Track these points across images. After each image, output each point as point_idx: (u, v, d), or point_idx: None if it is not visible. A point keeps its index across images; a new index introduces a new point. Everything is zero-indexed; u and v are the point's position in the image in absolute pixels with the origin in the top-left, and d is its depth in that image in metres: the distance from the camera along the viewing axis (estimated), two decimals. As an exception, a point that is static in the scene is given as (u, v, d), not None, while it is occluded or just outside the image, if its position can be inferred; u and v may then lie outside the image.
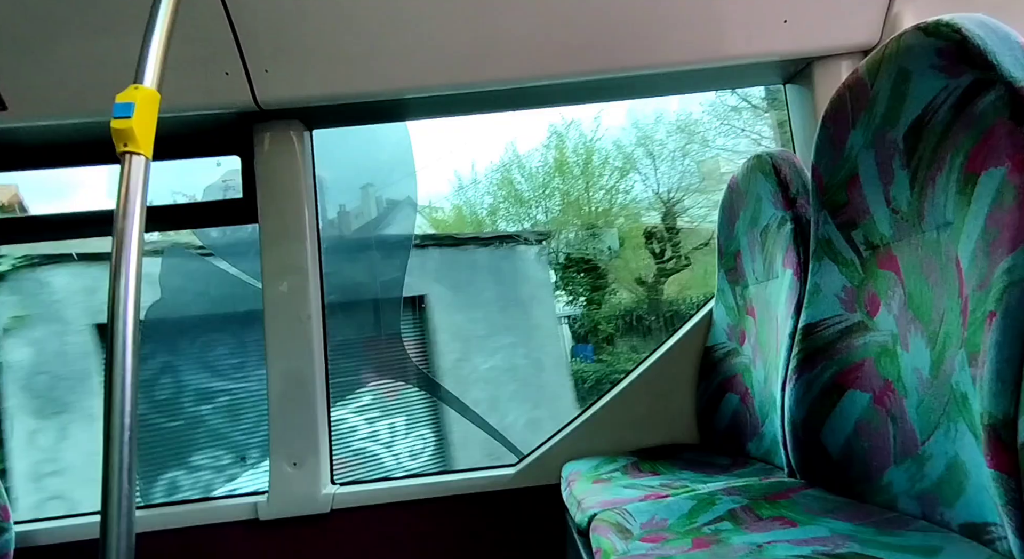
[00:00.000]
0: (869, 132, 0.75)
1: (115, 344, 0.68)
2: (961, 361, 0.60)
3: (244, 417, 3.02)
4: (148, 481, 2.90)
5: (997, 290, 0.53)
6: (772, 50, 1.25)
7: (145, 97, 0.73)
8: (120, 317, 0.69)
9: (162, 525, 1.30)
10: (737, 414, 1.18)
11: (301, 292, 1.34)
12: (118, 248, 0.70)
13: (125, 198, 0.71)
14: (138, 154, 0.72)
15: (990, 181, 0.57)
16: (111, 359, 0.68)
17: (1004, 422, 0.51)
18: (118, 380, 0.68)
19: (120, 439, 0.67)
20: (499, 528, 1.33)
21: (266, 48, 1.22)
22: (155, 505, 1.35)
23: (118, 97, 0.71)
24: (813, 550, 0.63)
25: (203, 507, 1.34)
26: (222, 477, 2.97)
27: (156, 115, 0.74)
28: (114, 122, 0.71)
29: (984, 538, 0.58)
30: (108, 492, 0.66)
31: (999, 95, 0.57)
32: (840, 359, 0.82)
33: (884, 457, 0.74)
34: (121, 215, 0.71)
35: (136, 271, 0.70)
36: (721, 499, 0.79)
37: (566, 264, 5.33)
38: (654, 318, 5.25)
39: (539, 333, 4.34)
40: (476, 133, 7.18)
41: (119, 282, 0.69)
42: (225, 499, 1.37)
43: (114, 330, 0.68)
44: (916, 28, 0.66)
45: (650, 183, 5.68)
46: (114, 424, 0.67)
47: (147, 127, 0.73)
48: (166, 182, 1.90)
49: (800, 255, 0.96)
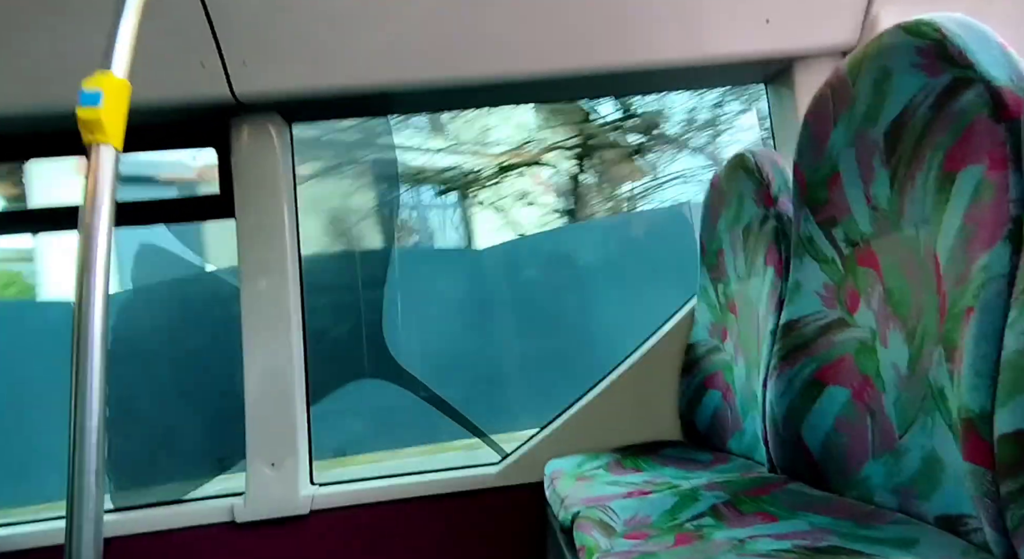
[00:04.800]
0: (850, 130, 0.76)
1: (82, 343, 0.66)
2: (938, 356, 0.61)
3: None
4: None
5: (975, 286, 0.54)
6: (753, 50, 1.26)
7: (114, 85, 0.70)
8: (87, 316, 0.66)
9: (134, 529, 1.26)
10: (719, 411, 1.19)
11: (280, 290, 1.32)
12: (85, 244, 0.67)
13: (93, 191, 0.69)
14: (107, 145, 0.70)
15: (968, 178, 0.58)
16: (78, 358, 0.65)
17: (980, 416, 0.51)
18: (85, 380, 0.65)
19: (88, 440, 0.65)
20: (482, 527, 1.32)
21: (244, 39, 1.19)
22: (126, 508, 1.31)
23: (84, 83, 0.68)
24: (793, 544, 0.63)
25: (177, 510, 1.30)
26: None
27: (126, 105, 0.71)
28: (80, 110, 0.68)
29: (959, 530, 0.59)
30: (74, 495, 0.64)
31: (977, 93, 0.57)
32: (820, 355, 0.82)
33: (862, 452, 0.75)
34: (89, 209, 0.68)
35: (104, 269, 0.68)
36: (703, 495, 0.80)
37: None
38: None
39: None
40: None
41: (86, 280, 0.67)
42: (200, 501, 1.33)
43: (81, 329, 0.66)
44: (897, 27, 0.67)
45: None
46: (81, 425, 0.65)
47: (117, 117, 0.70)
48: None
49: (782, 253, 0.97)
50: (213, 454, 1.78)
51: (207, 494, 1.39)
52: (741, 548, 0.64)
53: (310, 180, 2.20)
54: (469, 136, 3.12)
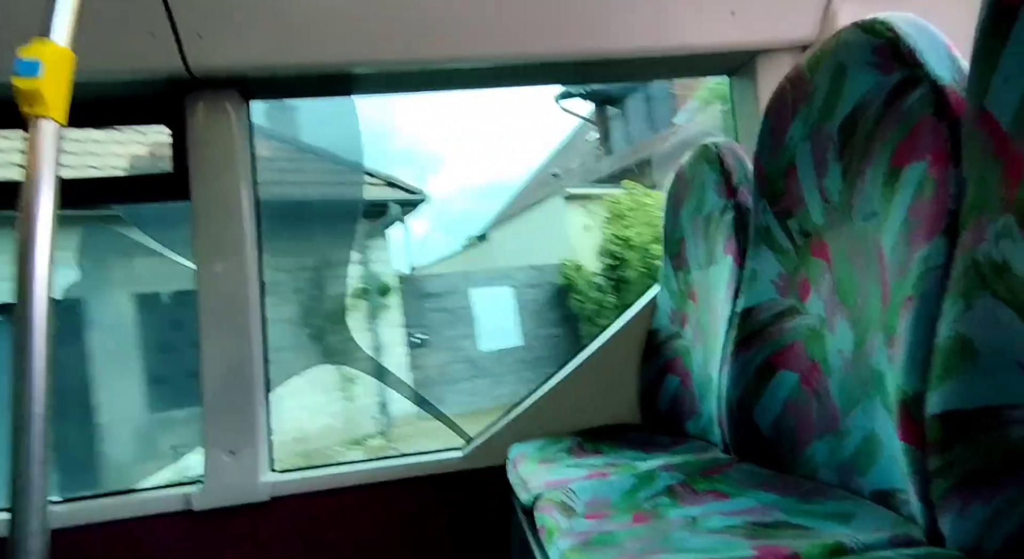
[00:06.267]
0: (807, 125, 0.78)
1: (25, 328, 0.62)
2: (880, 342, 0.64)
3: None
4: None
5: (914, 276, 0.57)
6: (718, 42, 1.28)
7: (56, 54, 0.66)
8: (30, 300, 0.63)
9: (85, 520, 1.22)
10: (677, 395, 1.23)
11: (237, 273, 1.28)
12: (26, 224, 0.64)
13: (34, 168, 0.65)
14: (48, 119, 0.66)
15: (913, 174, 0.61)
16: (20, 344, 0.62)
17: (915, 398, 0.55)
18: (28, 366, 0.62)
19: (31, 429, 0.62)
20: (446, 510, 1.34)
21: (199, 10, 1.13)
22: (75, 499, 1.26)
23: (20, 52, 0.64)
24: (743, 520, 0.66)
25: (129, 499, 1.26)
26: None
27: (69, 76, 0.67)
28: (16, 80, 0.64)
29: (891, 503, 0.63)
30: (18, 486, 0.61)
31: (924, 93, 0.60)
32: (773, 341, 0.86)
33: (808, 432, 0.79)
34: (30, 187, 0.64)
35: (47, 252, 0.64)
36: (660, 476, 0.82)
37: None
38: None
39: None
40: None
41: (28, 262, 0.63)
42: (154, 490, 1.30)
43: (23, 313, 0.63)
44: (854, 25, 0.69)
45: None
46: (24, 413, 0.62)
47: (58, 89, 0.66)
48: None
49: (740, 242, 1.00)
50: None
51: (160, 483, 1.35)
52: (694, 525, 0.67)
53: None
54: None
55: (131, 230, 2.35)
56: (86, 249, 3.84)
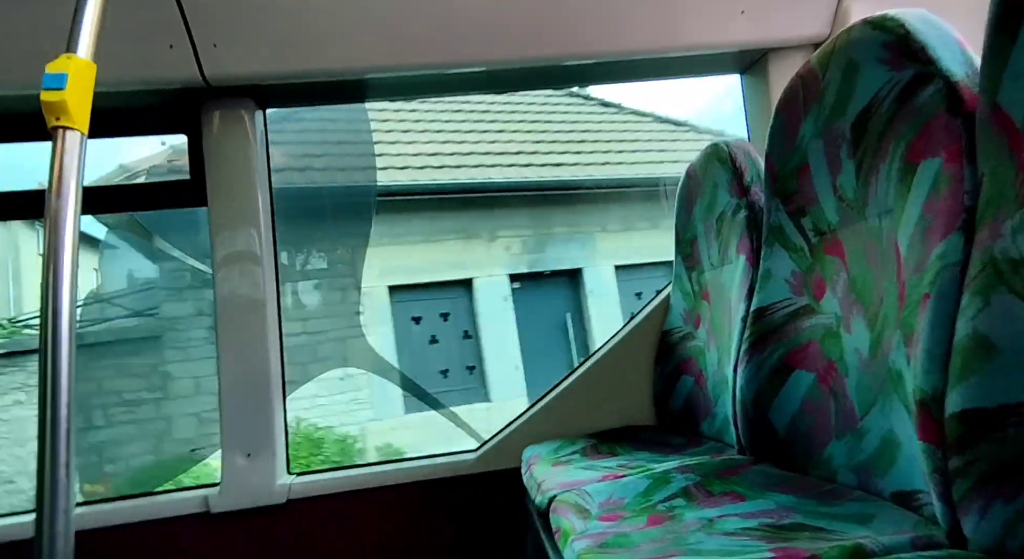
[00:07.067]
0: (819, 122, 0.78)
1: (50, 335, 0.64)
2: (897, 341, 0.63)
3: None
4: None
5: (931, 274, 0.56)
6: (730, 41, 1.28)
7: (79, 68, 0.68)
8: (55, 306, 0.65)
9: (105, 522, 1.24)
10: (691, 395, 1.22)
11: (254, 278, 1.30)
12: (52, 231, 0.65)
13: (59, 177, 0.67)
14: (73, 129, 0.68)
15: (927, 170, 0.60)
16: (46, 350, 0.64)
17: (934, 397, 0.54)
18: (54, 372, 0.64)
19: (57, 433, 0.64)
20: (460, 512, 1.34)
21: (215, 21, 1.16)
22: (96, 501, 1.29)
23: (48, 67, 0.66)
24: (759, 522, 0.66)
25: (148, 501, 1.29)
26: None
27: (92, 87, 0.69)
28: (44, 93, 0.66)
29: (912, 505, 0.62)
30: (44, 489, 0.63)
31: (937, 89, 0.59)
32: (788, 341, 0.85)
33: (826, 433, 0.78)
34: (55, 195, 0.66)
35: (72, 256, 0.66)
36: (675, 477, 0.82)
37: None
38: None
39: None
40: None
41: (54, 268, 0.65)
42: (172, 493, 1.32)
43: (49, 320, 0.64)
44: (864, 22, 0.68)
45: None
46: (50, 418, 0.64)
47: (82, 100, 0.68)
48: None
49: (753, 241, 1.00)
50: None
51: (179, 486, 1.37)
52: (710, 527, 0.67)
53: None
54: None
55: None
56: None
